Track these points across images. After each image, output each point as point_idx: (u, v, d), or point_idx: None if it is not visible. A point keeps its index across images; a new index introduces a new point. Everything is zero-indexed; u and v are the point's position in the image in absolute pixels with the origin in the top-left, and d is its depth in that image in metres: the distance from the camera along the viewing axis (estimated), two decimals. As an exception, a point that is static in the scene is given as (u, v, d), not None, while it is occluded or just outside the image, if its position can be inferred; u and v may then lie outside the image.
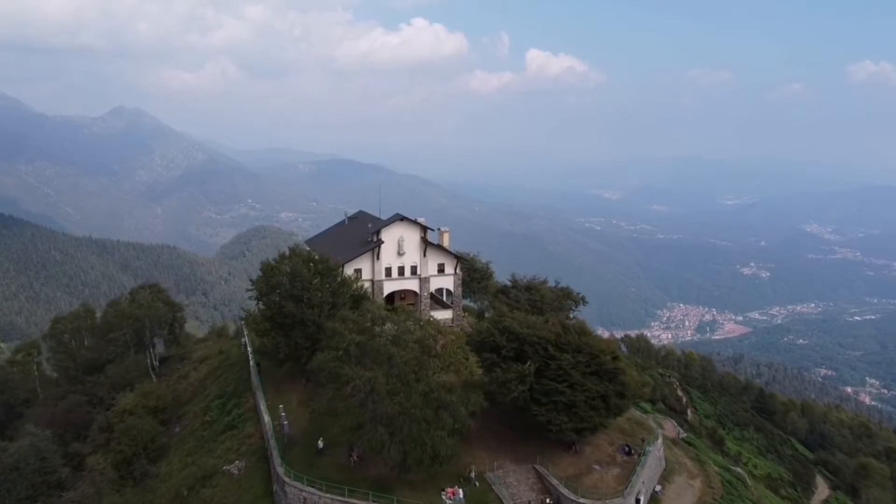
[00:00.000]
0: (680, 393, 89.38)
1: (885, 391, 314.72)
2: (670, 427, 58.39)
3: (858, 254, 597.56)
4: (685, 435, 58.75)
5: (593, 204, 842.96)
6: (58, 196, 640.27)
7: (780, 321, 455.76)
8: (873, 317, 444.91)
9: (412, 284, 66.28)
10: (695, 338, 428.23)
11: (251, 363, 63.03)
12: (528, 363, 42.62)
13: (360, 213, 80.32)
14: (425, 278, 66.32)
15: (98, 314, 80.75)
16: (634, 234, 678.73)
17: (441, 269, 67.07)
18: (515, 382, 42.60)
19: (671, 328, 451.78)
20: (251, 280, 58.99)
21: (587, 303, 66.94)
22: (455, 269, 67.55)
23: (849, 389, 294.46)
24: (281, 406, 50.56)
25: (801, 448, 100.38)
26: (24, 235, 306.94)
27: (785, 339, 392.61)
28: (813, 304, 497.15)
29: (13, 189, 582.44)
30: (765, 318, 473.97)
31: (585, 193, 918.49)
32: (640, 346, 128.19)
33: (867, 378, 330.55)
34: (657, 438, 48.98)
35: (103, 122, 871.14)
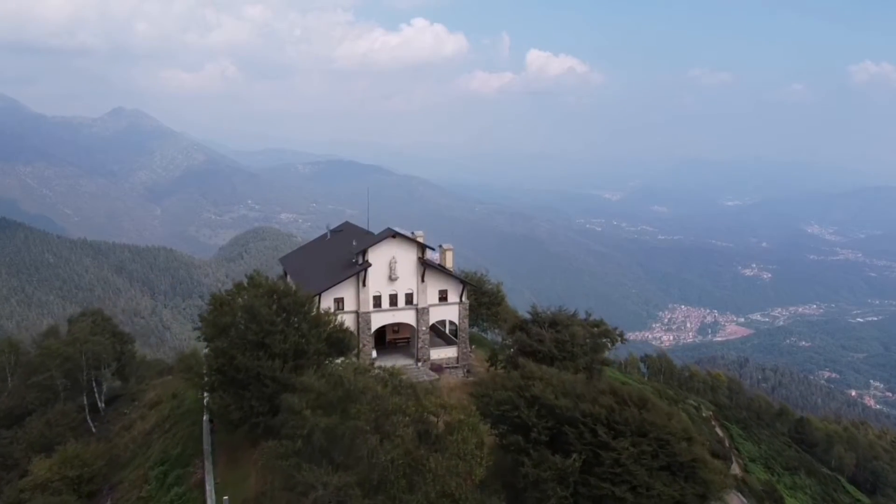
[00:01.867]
0: (719, 431, 76.60)
1: (890, 394, 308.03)
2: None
3: (860, 255, 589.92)
4: (759, 518, 46.00)
5: (594, 205, 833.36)
6: (57, 197, 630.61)
7: (781, 323, 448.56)
8: (875, 318, 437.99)
9: (407, 317, 53.38)
10: (696, 339, 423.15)
11: (205, 416, 50.35)
12: (573, 457, 29.59)
13: (346, 224, 67.77)
14: (424, 309, 53.39)
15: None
16: (635, 235, 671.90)
17: (443, 297, 54.18)
18: (553, 483, 29.62)
19: (672, 330, 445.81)
20: (200, 317, 46.16)
21: (626, 340, 54.16)
22: (460, 297, 54.65)
23: (853, 392, 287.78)
24: (226, 498, 37.46)
25: (852, 490, 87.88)
26: (16, 237, 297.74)
27: (787, 340, 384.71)
28: (815, 306, 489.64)
29: (12, 190, 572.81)
30: (766, 319, 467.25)
31: (586, 194, 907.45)
32: (661, 367, 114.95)
33: (871, 381, 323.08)
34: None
35: (102, 123, 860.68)
